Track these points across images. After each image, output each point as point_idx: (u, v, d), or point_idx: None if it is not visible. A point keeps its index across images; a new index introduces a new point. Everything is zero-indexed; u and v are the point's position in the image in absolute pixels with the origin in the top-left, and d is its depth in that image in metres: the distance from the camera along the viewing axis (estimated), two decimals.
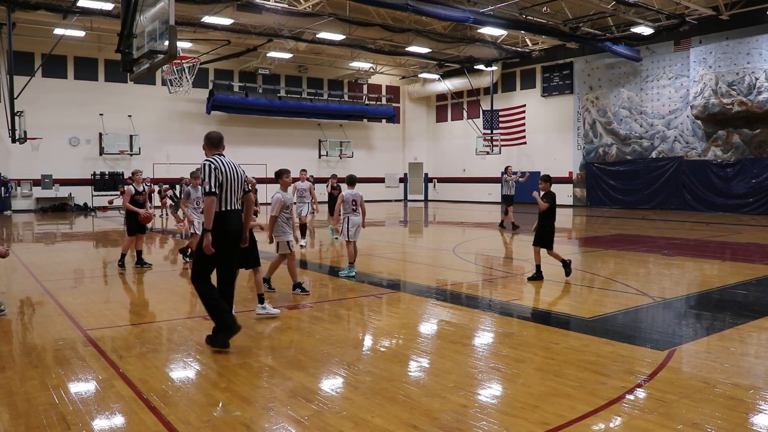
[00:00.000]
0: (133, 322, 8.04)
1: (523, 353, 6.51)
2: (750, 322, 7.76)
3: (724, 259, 13.71)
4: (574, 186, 35.85)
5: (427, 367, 6.13)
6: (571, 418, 4.72)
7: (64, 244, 18.39)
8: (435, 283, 10.94)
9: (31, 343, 6.96)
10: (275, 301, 8.98)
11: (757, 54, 26.29)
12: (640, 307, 8.81)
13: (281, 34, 29.75)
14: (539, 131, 37.76)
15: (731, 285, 10.46)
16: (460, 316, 8.39)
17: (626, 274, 11.87)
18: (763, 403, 5.06)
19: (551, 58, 36.07)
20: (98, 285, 11.11)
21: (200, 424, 4.65)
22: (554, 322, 7.90)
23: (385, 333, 7.53)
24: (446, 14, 24.80)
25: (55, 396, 5.25)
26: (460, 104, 42.82)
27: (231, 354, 6.46)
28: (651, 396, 5.20)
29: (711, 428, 4.53)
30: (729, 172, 28.29)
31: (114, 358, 6.30)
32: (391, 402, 5.08)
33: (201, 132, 38.16)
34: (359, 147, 42.91)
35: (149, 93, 35.05)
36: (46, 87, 31.80)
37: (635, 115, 32.48)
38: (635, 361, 6.19)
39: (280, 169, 9.58)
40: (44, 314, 8.46)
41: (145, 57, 9.95)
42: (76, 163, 33.33)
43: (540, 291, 10.09)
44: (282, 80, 39.83)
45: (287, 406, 5.01)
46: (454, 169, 42.41)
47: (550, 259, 11.09)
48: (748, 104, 26.56)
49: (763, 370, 6.00)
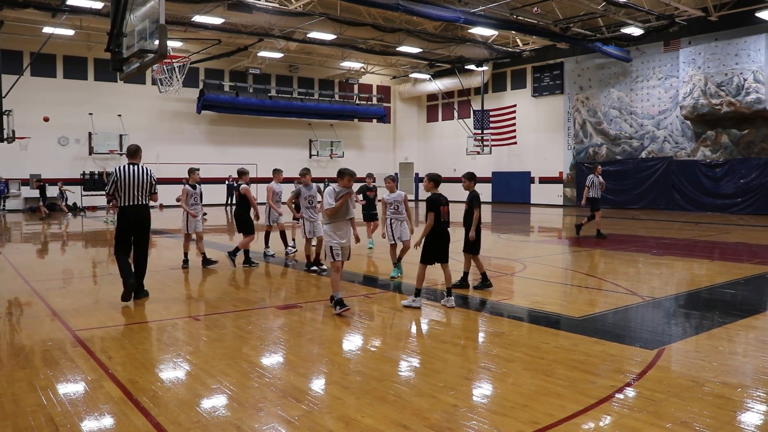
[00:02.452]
0: (123, 322, 8.00)
1: (513, 353, 6.51)
2: (738, 321, 7.81)
3: (713, 259, 13.78)
4: (564, 186, 35.98)
5: (418, 366, 6.13)
6: (560, 417, 4.73)
7: (53, 245, 18.29)
8: (425, 283, 10.94)
9: (19, 344, 6.92)
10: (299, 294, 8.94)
11: (745, 55, 26.43)
12: (630, 306, 8.84)
13: (272, 34, 29.72)
14: (530, 131, 37.86)
15: (720, 284, 10.51)
16: (450, 315, 8.39)
17: (616, 273, 11.91)
18: (750, 402, 5.09)
19: (542, 59, 36.17)
20: (87, 285, 11.06)
21: (190, 424, 4.63)
22: (544, 322, 7.92)
23: (376, 333, 7.52)
24: (437, 14, 24.82)
25: (44, 397, 5.22)
26: (450, 104, 42.87)
27: (221, 354, 6.45)
28: (640, 395, 5.22)
29: (699, 426, 4.55)
30: (718, 172, 28.46)
31: (103, 359, 6.27)
32: (382, 402, 5.08)
33: (191, 132, 38.25)
34: (350, 147, 42.88)
35: (139, 92, 34.94)
36: (35, 86, 31.63)
37: (625, 116, 32.62)
38: (625, 360, 6.21)
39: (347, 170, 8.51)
40: (32, 315, 8.42)
41: (135, 56, 9.89)
42: (65, 162, 33.17)
43: (530, 291, 10.10)
44: (273, 80, 39.77)
45: (277, 406, 5.00)
46: (444, 169, 42.26)
47: (542, 260, 11.10)
48: (737, 105, 26.71)
49: (751, 368, 6.03)
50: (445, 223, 8.86)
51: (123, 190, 9.01)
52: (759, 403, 5.06)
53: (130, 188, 9.04)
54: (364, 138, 44.40)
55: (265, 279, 11.60)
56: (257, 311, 8.80)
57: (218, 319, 8.16)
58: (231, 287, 10.70)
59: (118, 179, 9.02)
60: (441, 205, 8.73)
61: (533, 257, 14.02)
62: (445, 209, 8.79)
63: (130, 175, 9.07)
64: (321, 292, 10.00)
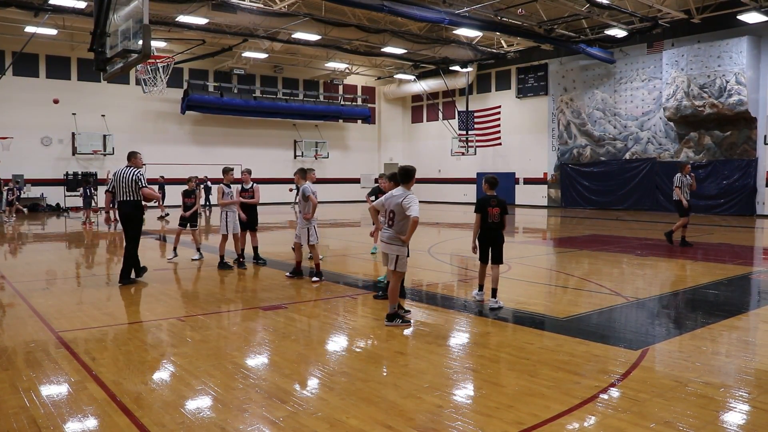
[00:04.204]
0: (107, 323, 7.94)
1: (497, 353, 6.54)
2: (721, 322, 7.87)
3: (696, 260, 13.89)
4: (549, 187, 36.13)
5: (403, 367, 6.13)
6: (545, 417, 4.75)
7: (36, 245, 18.14)
8: (410, 284, 10.92)
9: (2, 345, 6.85)
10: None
11: (727, 57, 26.66)
12: (614, 307, 8.89)
13: (256, 34, 29.64)
14: (514, 132, 37.98)
15: (703, 285, 10.60)
16: (435, 316, 8.40)
17: (600, 274, 11.98)
18: (733, 401, 5.14)
19: (526, 60, 36.31)
20: (71, 286, 10.98)
21: (174, 426, 4.61)
22: (529, 323, 7.94)
23: (360, 334, 7.52)
24: (422, 15, 24.87)
25: (26, 399, 5.17)
26: (435, 105, 42.95)
27: (205, 355, 6.42)
28: (624, 395, 5.25)
29: (683, 426, 4.59)
30: (701, 173, 28.67)
31: (87, 360, 6.23)
32: (367, 402, 5.08)
33: (175, 132, 38.09)
34: (335, 147, 42.84)
35: (123, 92, 34.72)
36: (17, 86, 31.39)
37: (609, 117, 32.81)
38: (609, 360, 6.25)
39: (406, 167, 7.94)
40: (15, 316, 8.34)
41: (118, 56, 9.82)
42: (48, 163, 32.90)
43: (514, 291, 10.14)
44: (257, 80, 39.66)
45: (262, 407, 4.99)
46: (429, 169, 42.47)
47: (527, 260, 11.14)
48: (719, 106, 26.93)
49: (734, 368, 6.09)
50: (495, 224, 8.72)
51: (116, 188, 10.73)
52: (741, 403, 5.10)
53: (119, 187, 10.69)
54: (349, 139, 44.37)
55: (250, 280, 11.55)
56: (242, 312, 8.78)
57: (203, 320, 8.13)
58: (215, 288, 10.66)
59: (114, 179, 10.84)
60: (489, 206, 8.68)
61: (518, 258, 14.06)
62: (493, 210, 8.70)
63: (120, 175, 10.71)
64: (306, 294, 9.99)
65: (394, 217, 7.71)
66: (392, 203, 7.71)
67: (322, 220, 25.92)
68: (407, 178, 7.82)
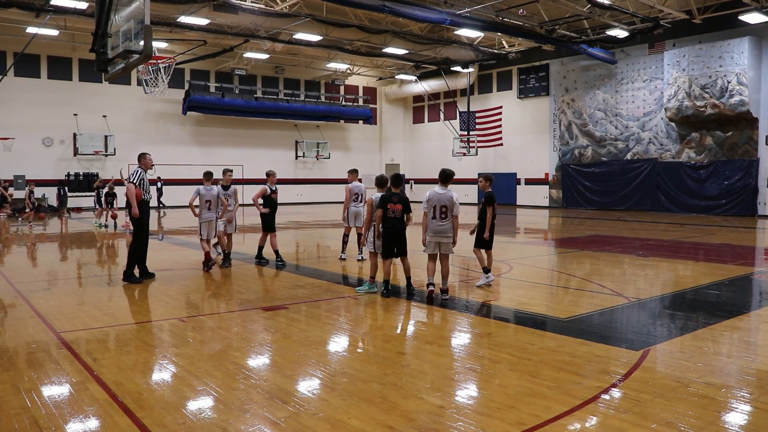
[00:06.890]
0: (108, 324, 7.94)
1: (499, 354, 6.53)
2: (722, 322, 7.86)
3: (698, 260, 13.87)
4: (550, 187, 36.11)
5: (404, 368, 6.13)
6: (546, 418, 4.75)
7: (38, 246, 18.14)
8: (410, 284, 10.92)
9: (3, 346, 6.85)
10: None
11: (729, 57, 26.65)
12: (615, 307, 8.89)
13: (258, 35, 29.64)
14: (515, 133, 37.97)
15: (704, 285, 10.59)
16: (436, 317, 8.40)
17: (601, 274, 11.97)
18: (734, 402, 5.13)
19: (527, 60, 36.30)
20: (72, 287, 10.98)
21: (176, 426, 4.61)
22: (530, 323, 7.94)
23: (362, 334, 7.52)
24: (423, 16, 24.86)
25: (28, 400, 5.17)
26: (436, 105, 42.94)
27: (206, 356, 6.43)
28: (626, 396, 5.25)
29: (684, 427, 4.58)
30: (702, 173, 28.68)
31: (88, 361, 6.23)
32: (368, 403, 5.08)
33: (177, 132, 38.08)
34: (336, 148, 42.86)
35: (124, 93, 34.74)
36: (19, 86, 31.42)
37: (610, 117, 32.79)
38: (610, 361, 6.24)
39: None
40: (17, 317, 8.34)
41: (120, 57, 9.84)
42: (50, 163, 32.92)
43: (516, 292, 10.13)
44: (258, 81, 39.68)
45: (263, 408, 4.98)
46: (430, 170, 42.36)
47: (529, 261, 11.13)
48: (721, 107, 26.92)
49: (735, 369, 6.08)
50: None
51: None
52: (743, 404, 5.10)
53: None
54: (350, 139, 44.37)
55: (251, 280, 11.56)
56: (243, 313, 8.77)
57: (204, 320, 8.13)
58: (217, 289, 10.66)
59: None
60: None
61: (519, 258, 14.06)
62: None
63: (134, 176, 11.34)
64: (308, 295, 9.99)
65: (446, 211, 9.22)
66: (444, 198, 9.19)
67: (322, 220, 25.92)
68: (446, 179, 9.37)
